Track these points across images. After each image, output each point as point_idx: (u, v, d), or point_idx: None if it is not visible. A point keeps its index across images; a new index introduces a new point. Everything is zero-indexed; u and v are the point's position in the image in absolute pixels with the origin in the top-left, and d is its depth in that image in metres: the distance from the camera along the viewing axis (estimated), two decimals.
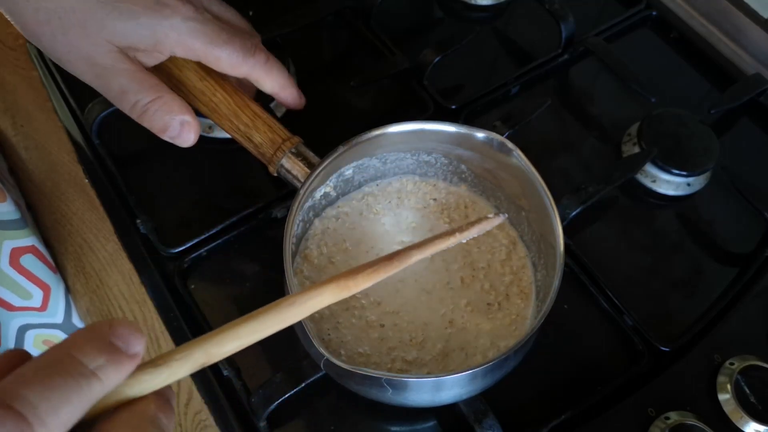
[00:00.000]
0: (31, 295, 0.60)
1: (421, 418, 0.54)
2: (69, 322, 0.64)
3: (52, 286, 0.61)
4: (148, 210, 0.61)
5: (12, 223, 0.57)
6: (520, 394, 0.54)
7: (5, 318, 0.59)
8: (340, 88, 0.70)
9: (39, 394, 0.25)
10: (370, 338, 0.52)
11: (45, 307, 0.62)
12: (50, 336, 0.64)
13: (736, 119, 0.70)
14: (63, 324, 0.64)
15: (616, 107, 0.71)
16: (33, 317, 0.61)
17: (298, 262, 0.55)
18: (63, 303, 0.63)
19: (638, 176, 0.64)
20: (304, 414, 0.53)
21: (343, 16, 0.74)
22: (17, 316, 0.60)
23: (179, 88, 0.55)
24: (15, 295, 0.59)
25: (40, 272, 0.60)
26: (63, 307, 0.63)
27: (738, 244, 0.62)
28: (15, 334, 0.61)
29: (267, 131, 0.54)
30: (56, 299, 0.62)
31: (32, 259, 0.59)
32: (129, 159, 0.65)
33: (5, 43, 0.72)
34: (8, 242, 0.57)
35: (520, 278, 0.55)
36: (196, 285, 0.58)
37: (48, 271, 0.60)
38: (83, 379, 0.26)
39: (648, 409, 0.52)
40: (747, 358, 0.53)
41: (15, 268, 0.58)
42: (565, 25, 0.70)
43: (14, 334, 0.61)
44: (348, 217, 0.58)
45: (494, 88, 0.69)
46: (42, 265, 0.60)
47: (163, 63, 0.55)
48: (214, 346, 0.32)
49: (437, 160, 0.58)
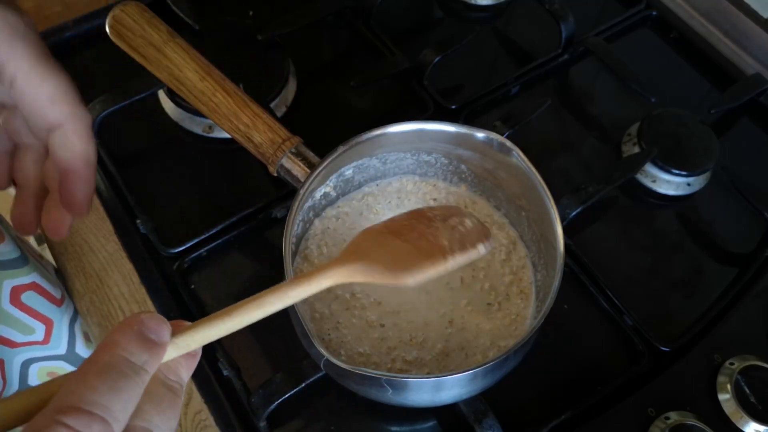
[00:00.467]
0: (33, 330, 0.60)
1: (421, 418, 0.54)
2: (72, 352, 0.65)
3: (54, 319, 0.61)
4: (148, 210, 0.61)
5: (12, 262, 0.57)
6: (520, 394, 0.54)
7: (8, 355, 0.60)
8: (340, 88, 0.70)
9: (111, 397, 0.28)
10: (370, 338, 0.52)
11: (48, 340, 0.62)
12: (54, 368, 0.64)
13: (736, 119, 0.70)
14: (66, 355, 0.64)
15: (616, 107, 0.71)
16: (36, 351, 0.62)
17: (298, 262, 0.55)
18: (66, 334, 0.63)
19: (638, 176, 0.64)
20: (304, 414, 0.53)
21: (343, 16, 0.74)
22: (20, 352, 0.60)
23: (179, 88, 0.55)
24: (17, 332, 0.59)
25: (41, 307, 0.60)
26: (66, 337, 0.64)
27: (738, 244, 0.62)
28: (19, 369, 0.61)
29: (267, 131, 0.54)
30: (59, 331, 0.63)
31: (33, 295, 0.59)
32: (129, 159, 0.65)
33: None
34: (8, 281, 0.57)
35: (520, 278, 0.55)
36: (196, 285, 0.58)
37: (50, 305, 0.61)
38: (138, 377, 0.30)
39: (648, 409, 0.52)
40: (747, 358, 0.53)
41: (16, 306, 0.58)
42: (565, 25, 0.70)
43: (18, 369, 0.61)
44: (348, 217, 0.58)
45: (494, 88, 0.69)
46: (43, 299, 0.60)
47: (163, 63, 0.55)
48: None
49: (437, 160, 0.58)
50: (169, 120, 0.67)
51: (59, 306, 0.62)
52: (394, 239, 0.42)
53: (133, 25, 0.56)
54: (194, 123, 0.66)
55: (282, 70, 0.68)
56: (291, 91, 0.69)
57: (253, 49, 0.69)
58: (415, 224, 0.44)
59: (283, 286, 0.36)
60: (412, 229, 0.43)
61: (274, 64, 0.68)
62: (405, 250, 0.41)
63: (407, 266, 0.40)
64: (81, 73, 0.70)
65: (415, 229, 0.43)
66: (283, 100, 0.68)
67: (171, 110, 0.67)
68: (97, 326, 0.57)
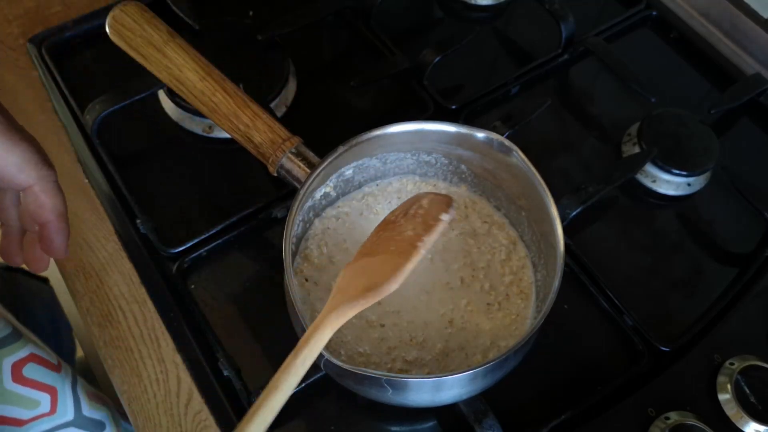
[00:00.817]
0: (38, 402, 0.60)
1: (421, 418, 0.54)
2: (80, 416, 0.65)
3: (57, 386, 0.62)
4: (148, 210, 0.61)
5: (6, 339, 0.58)
6: (520, 394, 0.54)
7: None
8: (340, 88, 0.70)
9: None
10: (370, 338, 0.52)
11: (54, 410, 0.62)
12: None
13: (736, 119, 0.70)
14: (75, 419, 0.64)
15: (616, 107, 0.71)
16: (44, 424, 0.62)
17: (298, 262, 0.55)
18: (71, 398, 0.63)
19: (638, 176, 0.64)
20: (304, 414, 0.53)
21: (343, 16, 0.74)
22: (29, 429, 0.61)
23: (179, 88, 0.55)
24: (23, 409, 0.59)
25: (43, 377, 0.60)
26: (71, 402, 0.64)
27: (738, 244, 0.62)
28: None
29: (267, 131, 0.54)
30: (64, 398, 0.63)
31: (34, 367, 0.59)
32: (129, 159, 0.65)
33: (5, 43, 0.72)
34: (8, 359, 0.58)
35: (520, 278, 0.55)
36: (196, 285, 0.58)
37: (51, 373, 0.61)
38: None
39: (648, 409, 0.52)
40: (747, 358, 0.53)
41: (19, 382, 0.59)
42: (565, 25, 0.70)
43: None
44: (348, 217, 0.58)
45: (494, 88, 0.69)
46: (44, 368, 0.61)
47: (163, 63, 0.55)
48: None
49: (437, 160, 0.58)
50: (169, 120, 0.67)
51: (59, 372, 0.62)
52: (369, 260, 0.44)
53: (133, 25, 0.56)
54: (194, 123, 0.66)
55: (282, 70, 0.68)
56: (291, 91, 0.69)
57: (253, 49, 0.69)
58: (382, 234, 0.45)
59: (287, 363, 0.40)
60: (381, 241, 0.45)
61: (274, 64, 0.68)
62: (380, 262, 0.43)
63: (385, 276, 0.42)
64: (81, 73, 0.70)
65: (383, 240, 0.45)
66: (283, 100, 0.68)
67: (171, 110, 0.67)
68: (97, 326, 0.57)
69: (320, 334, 0.41)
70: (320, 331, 0.41)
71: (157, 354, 0.56)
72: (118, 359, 0.56)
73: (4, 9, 0.75)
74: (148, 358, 0.56)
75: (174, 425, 0.53)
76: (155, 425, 0.53)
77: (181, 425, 0.53)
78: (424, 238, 0.43)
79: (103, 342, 0.56)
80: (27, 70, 0.71)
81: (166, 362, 0.55)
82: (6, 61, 0.71)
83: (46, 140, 0.66)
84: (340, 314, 0.42)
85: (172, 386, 0.54)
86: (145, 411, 0.54)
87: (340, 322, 0.42)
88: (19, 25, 0.74)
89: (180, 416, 0.53)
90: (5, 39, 0.73)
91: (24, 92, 0.69)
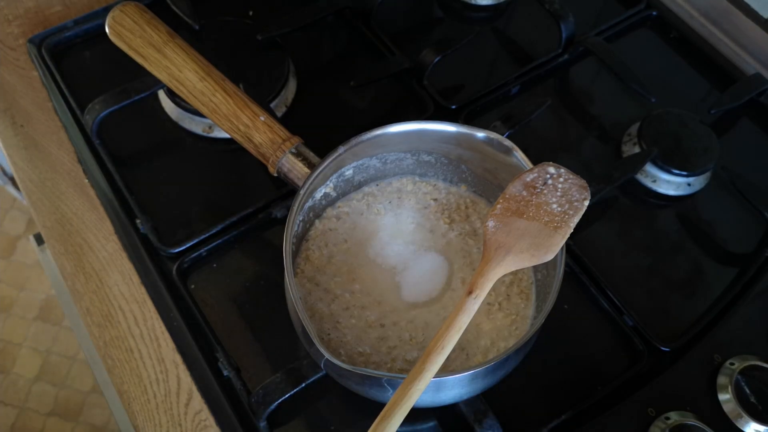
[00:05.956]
0: None
1: (421, 418, 0.54)
2: None
3: None
4: (148, 210, 0.61)
5: None
6: (520, 394, 0.54)
7: None
8: (340, 88, 0.70)
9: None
10: (370, 338, 0.52)
11: None
12: None
13: (736, 119, 0.70)
14: None
15: (616, 107, 0.71)
16: None
17: (298, 262, 0.55)
18: None
19: (638, 176, 0.64)
20: (304, 414, 0.53)
21: (343, 16, 0.74)
22: None
23: (179, 88, 0.55)
24: None
25: None
26: None
27: (738, 244, 0.62)
28: None
29: (267, 131, 0.54)
30: None
31: None
32: (129, 159, 0.65)
33: (5, 43, 0.72)
34: None
35: (520, 278, 0.55)
36: (196, 285, 0.58)
37: None
38: None
39: (648, 409, 0.52)
40: (747, 358, 0.53)
41: None
42: (565, 25, 0.70)
43: None
44: (348, 217, 0.58)
45: (494, 88, 0.69)
46: None
47: (163, 63, 0.55)
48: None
49: (437, 160, 0.58)
50: (169, 120, 0.67)
51: None
52: (524, 223, 0.47)
53: (132, 26, 0.56)
54: (194, 123, 0.66)
55: (282, 70, 0.68)
56: (291, 91, 0.69)
57: (253, 49, 0.69)
58: (526, 197, 0.48)
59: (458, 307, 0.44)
60: (528, 204, 0.47)
61: (274, 64, 0.68)
62: (537, 230, 0.46)
63: (545, 245, 0.46)
64: (81, 73, 0.70)
65: (530, 203, 0.47)
66: (283, 100, 0.68)
67: (171, 110, 0.67)
68: (97, 326, 0.57)
69: (489, 282, 0.44)
70: (489, 279, 0.44)
71: (157, 354, 0.56)
72: (118, 359, 0.56)
73: (4, 9, 0.75)
74: (148, 358, 0.56)
75: (174, 425, 0.53)
76: (155, 425, 0.53)
77: (181, 425, 0.53)
78: (573, 219, 0.46)
79: (103, 342, 0.57)
80: (27, 70, 0.71)
81: (166, 362, 0.55)
82: (6, 61, 0.71)
83: (46, 140, 0.67)
84: (508, 266, 0.45)
85: (172, 386, 0.54)
86: (145, 411, 0.54)
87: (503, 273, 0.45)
88: (19, 25, 0.74)
89: (180, 416, 0.53)
90: (5, 39, 0.73)
91: (24, 92, 0.69)
